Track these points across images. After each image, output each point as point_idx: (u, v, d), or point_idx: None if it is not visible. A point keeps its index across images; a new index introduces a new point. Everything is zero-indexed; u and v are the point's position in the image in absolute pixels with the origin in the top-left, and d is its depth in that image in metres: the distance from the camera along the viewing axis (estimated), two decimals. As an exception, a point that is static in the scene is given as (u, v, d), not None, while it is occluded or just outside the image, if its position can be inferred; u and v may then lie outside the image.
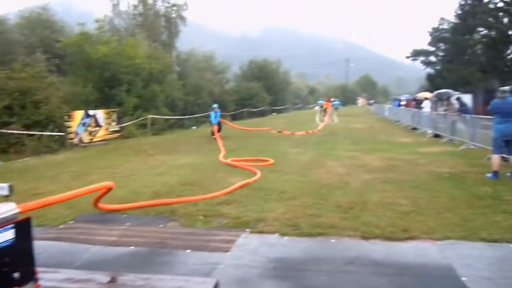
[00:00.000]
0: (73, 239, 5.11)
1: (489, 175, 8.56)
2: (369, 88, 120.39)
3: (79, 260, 4.48)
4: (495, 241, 4.85)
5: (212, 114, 19.07)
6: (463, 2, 49.60)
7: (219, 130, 19.07)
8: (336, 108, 51.84)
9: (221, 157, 11.80)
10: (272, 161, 10.68)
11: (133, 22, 37.87)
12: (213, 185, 7.94)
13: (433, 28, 57.55)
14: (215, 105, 20.04)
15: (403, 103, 32.37)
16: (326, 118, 30.32)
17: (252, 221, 5.63)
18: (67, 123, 15.66)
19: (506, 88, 8.86)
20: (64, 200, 5.17)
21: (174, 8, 40.80)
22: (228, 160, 10.84)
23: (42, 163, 12.09)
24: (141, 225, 5.66)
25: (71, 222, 5.81)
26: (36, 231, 3.58)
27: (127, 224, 5.69)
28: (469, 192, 7.26)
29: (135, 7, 39.00)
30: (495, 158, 8.61)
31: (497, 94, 8.84)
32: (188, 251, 4.66)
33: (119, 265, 4.32)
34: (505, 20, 41.63)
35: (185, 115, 30.46)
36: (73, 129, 15.81)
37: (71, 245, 4.93)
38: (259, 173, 8.69)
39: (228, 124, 21.88)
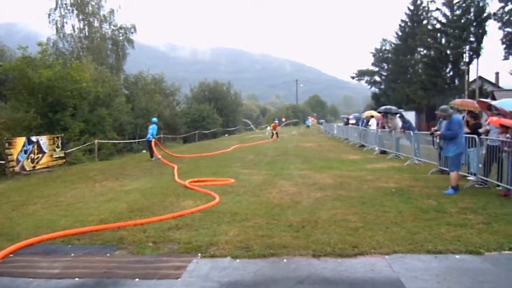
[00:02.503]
0: (13, 273, 4.80)
1: (451, 191, 8.67)
2: (319, 107, 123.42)
3: (18, 296, 4.22)
4: (440, 252, 5.03)
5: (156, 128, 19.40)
6: (403, 24, 52.24)
7: (151, 154, 18.91)
8: (308, 126, 56.96)
9: (177, 178, 12.11)
10: (232, 180, 11.21)
11: (78, 45, 37.03)
12: (163, 210, 7.76)
13: (376, 49, 60.01)
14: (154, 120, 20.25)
15: (352, 121, 33.16)
16: (274, 138, 34.41)
17: (203, 245, 5.53)
18: (7, 151, 14.86)
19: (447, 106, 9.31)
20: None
21: (121, 31, 40.38)
22: (186, 182, 10.86)
23: (-21, 193, 11.40)
24: (86, 255, 5.41)
25: (11, 255, 5.45)
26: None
27: (72, 254, 5.42)
28: (415, 206, 7.52)
29: (80, 30, 38.23)
30: (457, 174, 8.95)
31: (449, 111, 9.13)
32: (137, 280, 4.49)
33: (62, 299, 4.12)
34: (443, 40, 44.11)
35: (134, 139, 29.84)
36: (14, 157, 15.04)
37: (11, 280, 4.63)
38: (218, 197, 8.60)
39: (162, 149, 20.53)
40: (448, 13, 43.19)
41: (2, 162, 15.09)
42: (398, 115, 18.51)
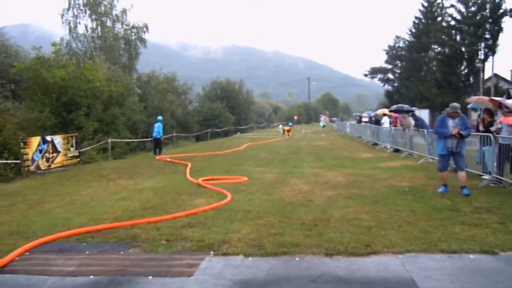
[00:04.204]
0: (29, 271, 4.86)
1: (467, 191, 8.40)
2: (331, 105, 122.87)
3: (35, 294, 4.27)
4: (454, 252, 4.98)
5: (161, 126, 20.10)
6: (416, 21, 51.71)
7: (159, 151, 19.31)
8: (324, 126, 57.29)
9: (188, 176, 12.25)
10: (245, 178, 11.24)
11: (91, 45, 37.33)
12: (176, 208, 7.81)
13: (389, 46, 59.41)
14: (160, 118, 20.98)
15: (365, 119, 32.93)
16: (286, 137, 35.01)
17: (216, 243, 5.55)
18: (23, 150, 15.06)
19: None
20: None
21: (134, 30, 40.55)
22: (199, 180, 10.94)
23: (-4, 192, 11.57)
24: (100, 253, 5.46)
25: (27, 253, 5.53)
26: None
27: (86, 252, 5.48)
28: (429, 205, 7.45)
29: (93, 30, 38.52)
30: None
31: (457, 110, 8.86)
32: (150, 277, 4.53)
33: (77, 296, 4.16)
34: (458, 37, 43.56)
35: (147, 138, 30.00)
36: (29, 156, 15.22)
37: (27, 277, 4.68)
38: (229, 196, 8.60)
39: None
40: (463, 10, 42.67)
41: (18, 161, 15.28)
42: (410, 113, 18.36)
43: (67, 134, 18.37)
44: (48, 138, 16.64)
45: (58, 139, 17.09)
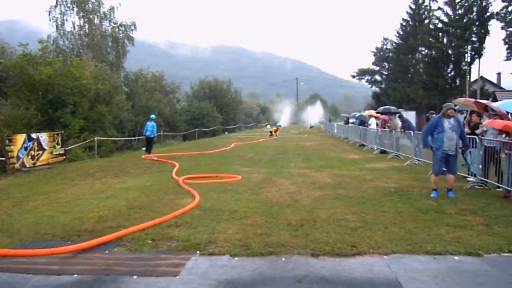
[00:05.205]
0: (13, 269, 4.80)
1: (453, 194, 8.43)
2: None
3: (18, 292, 4.21)
4: (439, 253, 5.03)
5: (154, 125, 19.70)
6: (404, 23, 52.14)
7: (149, 150, 19.13)
8: (311, 127, 57.54)
9: (174, 174, 12.30)
10: (239, 177, 11.31)
11: (78, 43, 36.98)
12: (162, 208, 7.76)
13: (377, 48, 59.84)
14: (153, 116, 20.49)
15: (352, 120, 33.10)
16: (274, 137, 34.70)
17: (202, 243, 5.53)
18: (8, 147, 14.85)
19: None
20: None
21: (121, 28, 40.29)
22: (181, 179, 10.88)
23: (-21, 190, 11.39)
24: (85, 251, 5.40)
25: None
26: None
27: (71, 251, 5.42)
28: (414, 206, 7.51)
29: (81, 27, 38.17)
30: None
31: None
32: (135, 277, 4.50)
33: (60, 296, 4.11)
34: (445, 40, 44.02)
35: (134, 136, 29.80)
36: (14, 154, 15.02)
37: (10, 276, 4.63)
38: (197, 197, 8.44)
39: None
40: (450, 13, 43.13)
41: (3, 158, 15.07)
42: (397, 114, 18.51)
43: (53, 132, 18.16)
44: (34, 135, 16.42)
45: (43, 137, 16.88)
